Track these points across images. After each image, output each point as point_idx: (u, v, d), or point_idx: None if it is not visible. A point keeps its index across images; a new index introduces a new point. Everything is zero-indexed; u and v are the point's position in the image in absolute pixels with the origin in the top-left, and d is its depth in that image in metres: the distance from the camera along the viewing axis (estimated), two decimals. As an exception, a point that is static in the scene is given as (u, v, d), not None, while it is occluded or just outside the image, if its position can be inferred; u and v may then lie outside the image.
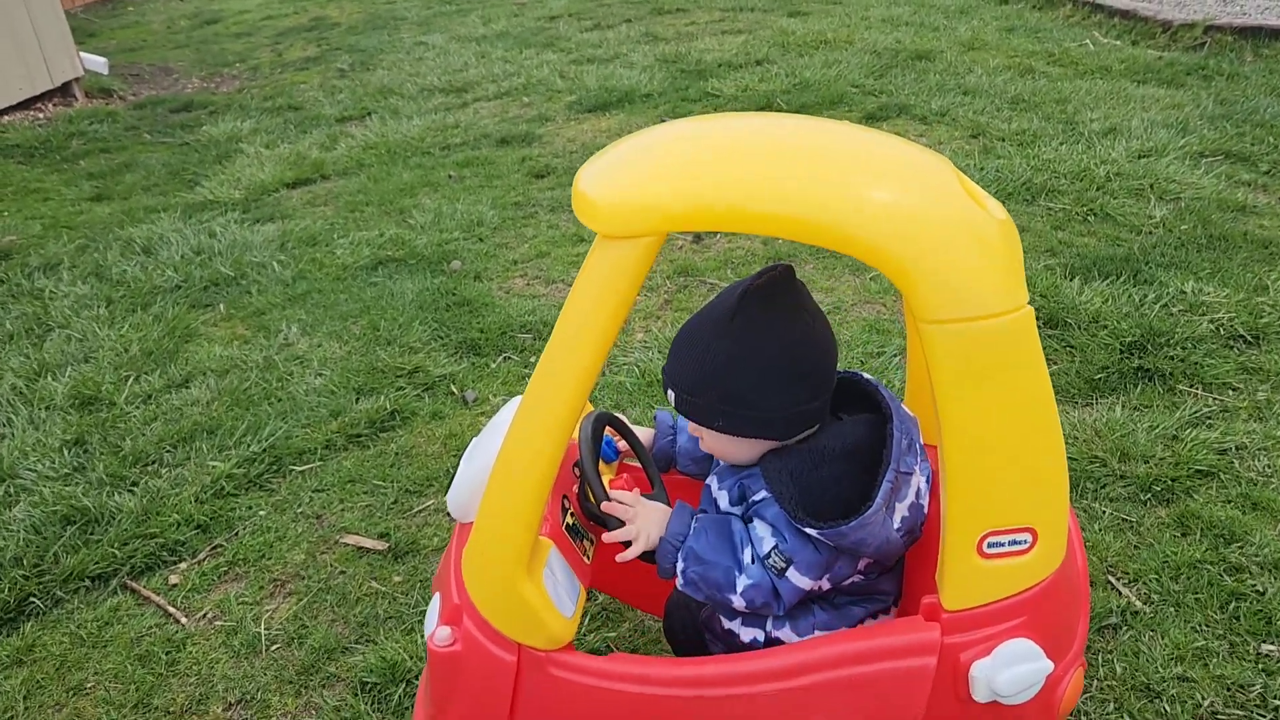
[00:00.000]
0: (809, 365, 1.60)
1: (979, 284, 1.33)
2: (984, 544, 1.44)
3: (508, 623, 1.56)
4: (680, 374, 1.63)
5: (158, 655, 2.45)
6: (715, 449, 1.71)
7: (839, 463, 1.60)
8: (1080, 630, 1.61)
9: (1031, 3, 8.21)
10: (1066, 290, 3.73)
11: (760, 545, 1.61)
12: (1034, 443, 1.40)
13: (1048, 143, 5.18)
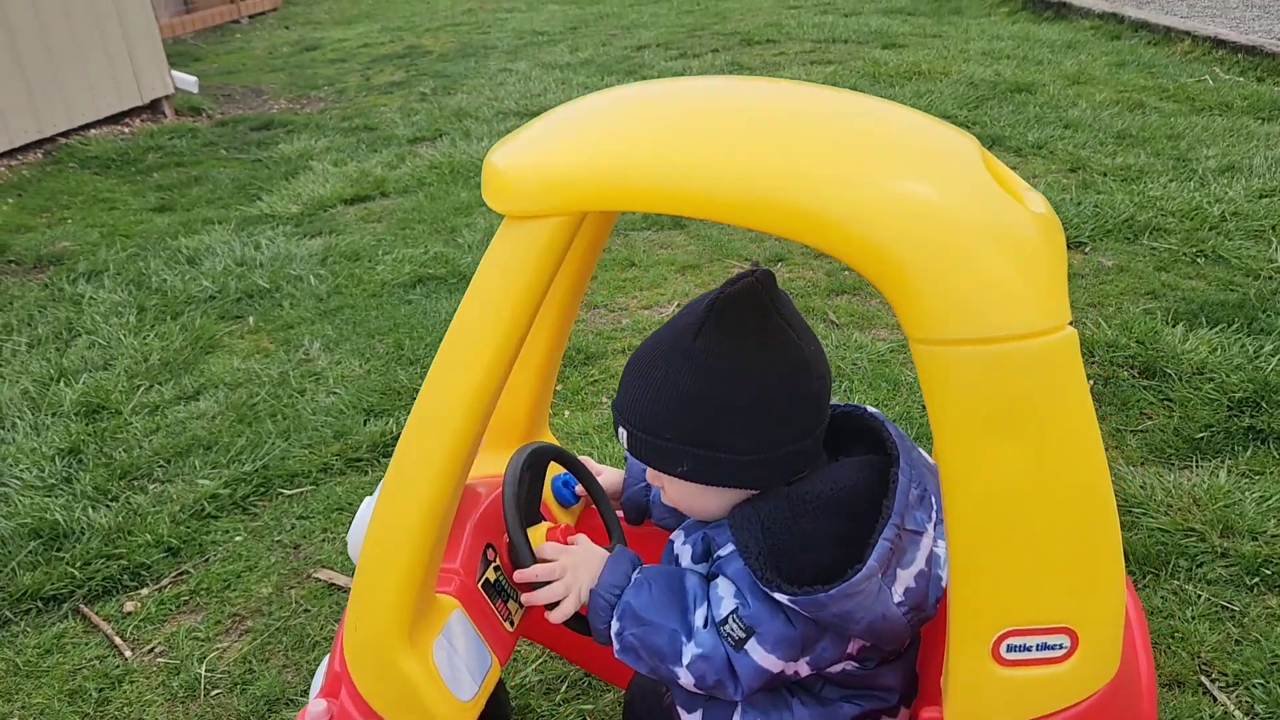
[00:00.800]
0: (793, 396, 1.26)
1: (1004, 294, 0.97)
2: (1001, 647, 1.07)
3: (385, 703, 1.24)
4: (632, 408, 1.30)
5: (89, 693, 2.20)
6: (679, 501, 1.37)
7: (825, 514, 1.24)
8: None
9: (1146, 39, 7.68)
10: (1168, 337, 3.28)
11: (718, 607, 1.27)
12: (1074, 513, 1.02)
13: (1155, 179, 4.70)
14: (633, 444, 1.31)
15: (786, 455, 1.27)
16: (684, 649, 1.26)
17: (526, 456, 1.42)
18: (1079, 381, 1.00)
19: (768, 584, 1.21)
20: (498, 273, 1.08)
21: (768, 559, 1.22)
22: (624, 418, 1.32)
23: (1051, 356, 0.98)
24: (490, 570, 1.39)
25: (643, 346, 1.34)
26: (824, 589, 1.17)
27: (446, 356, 1.12)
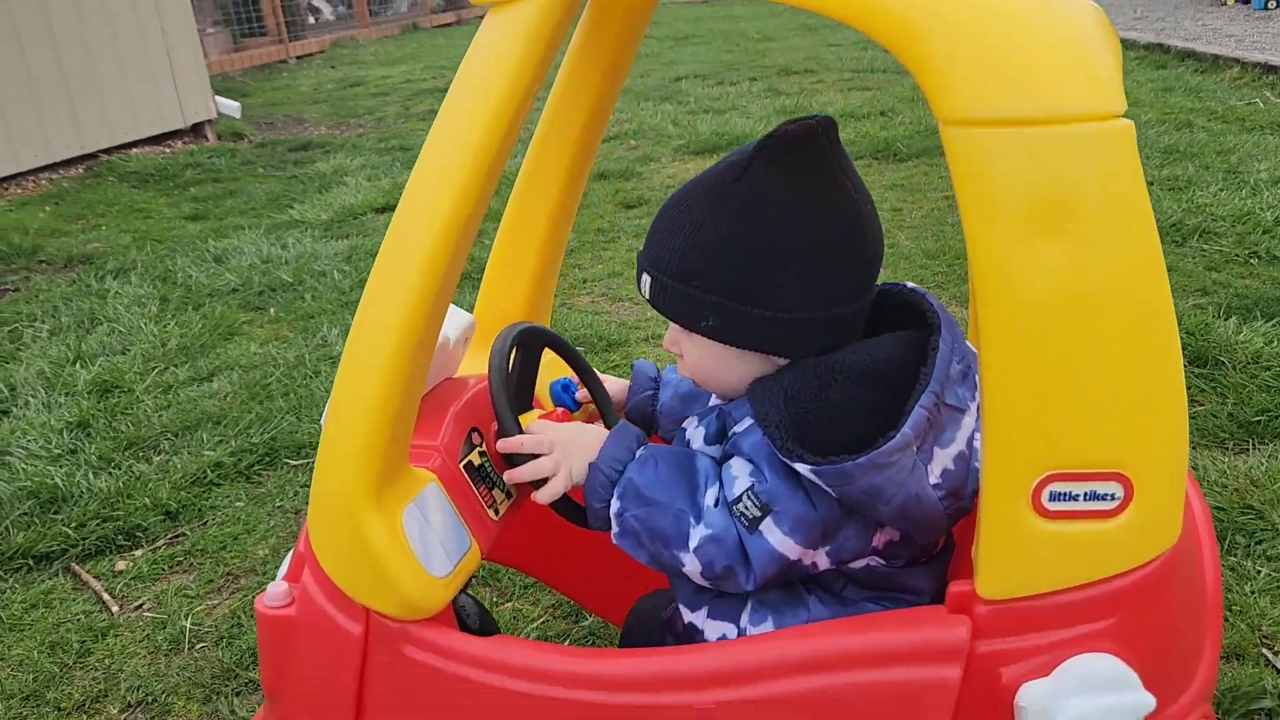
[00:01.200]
0: (845, 251, 1.12)
1: (1049, 68, 0.85)
2: (1043, 495, 0.92)
3: (350, 578, 1.11)
4: (658, 250, 1.17)
5: (71, 645, 2.09)
6: (697, 369, 1.22)
7: (857, 384, 1.09)
8: (1205, 663, 1.05)
9: (1193, 67, 7.56)
10: (1220, 329, 3.11)
11: (731, 486, 1.13)
12: (1129, 332, 0.88)
13: (1204, 188, 4.55)
14: (655, 292, 1.17)
15: (826, 320, 1.13)
16: (691, 531, 1.11)
17: (519, 332, 1.30)
18: (1136, 181, 0.86)
19: (788, 454, 1.07)
20: (479, 67, 0.97)
21: (789, 428, 1.08)
22: (648, 261, 1.18)
23: (1103, 145, 0.85)
24: (475, 454, 1.27)
25: (680, 189, 1.20)
26: (851, 458, 1.03)
27: (422, 170, 1.02)
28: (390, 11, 17.80)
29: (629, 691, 1.04)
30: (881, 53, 9.33)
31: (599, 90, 1.36)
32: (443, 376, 1.36)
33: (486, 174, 0.99)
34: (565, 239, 1.51)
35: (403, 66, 12.45)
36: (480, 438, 1.29)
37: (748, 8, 16.52)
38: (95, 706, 1.92)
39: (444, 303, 1.05)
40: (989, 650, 0.95)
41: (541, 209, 1.43)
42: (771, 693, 0.99)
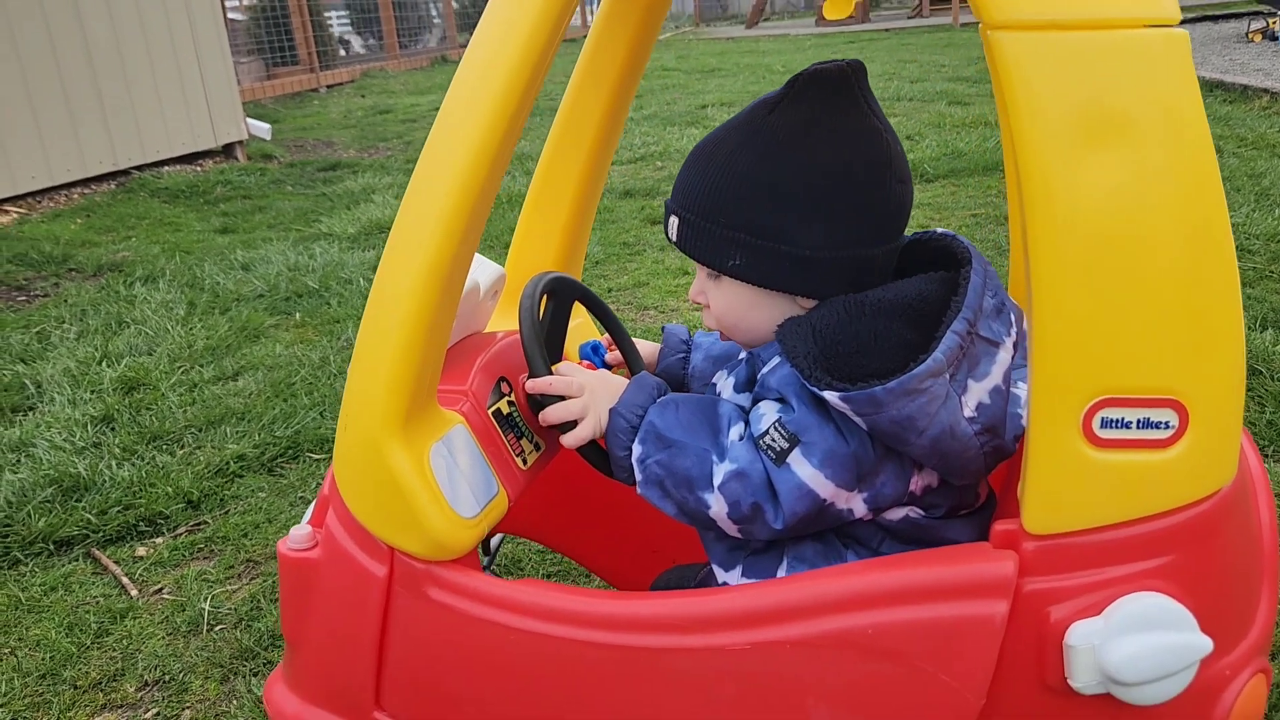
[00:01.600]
0: (875, 190, 1.11)
1: (1097, -30, 0.82)
2: (1094, 421, 0.89)
3: (376, 515, 1.08)
4: (687, 190, 1.16)
5: (89, 625, 2.06)
6: (725, 314, 1.20)
7: (886, 316, 1.07)
8: (1263, 613, 1.00)
9: (1221, 97, 7.53)
10: (1256, 340, 3.06)
11: (758, 423, 1.10)
12: (1183, 250, 0.85)
13: (1236, 210, 4.50)
14: (682, 233, 1.16)
15: (854, 260, 1.11)
16: (715, 469, 1.08)
17: (551, 279, 1.28)
18: (1192, 91, 0.84)
19: (816, 383, 1.04)
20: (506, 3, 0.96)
21: (818, 359, 1.06)
22: (676, 202, 1.17)
23: (1159, 52, 0.83)
24: (503, 402, 1.25)
25: (713, 131, 1.18)
26: (881, 383, 1.00)
27: (451, 102, 1.00)
28: (419, 44, 18.06)
29: (662, 633, 1.00)
30: (909, 83, 9.36)
31: (634, 39, 1.34)
32: (472, 329, 1.34)
33: (518, 100, 0.97)
34: (598, 194, 1.49)
35: (431, 96, 12.58)
36: (509, 387, 1.27)
37: (773, 44, 16.65)
38: (112, 685, 1.89)
39: (475, 231, 1.03)
40: (1037, 588, 0.92)
41: (575, 161, 1.42)
42: (811, 632, 0.95)
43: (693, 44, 18.40)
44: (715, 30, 24.35)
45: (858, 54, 13.43)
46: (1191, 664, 0.89)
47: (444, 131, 1.01)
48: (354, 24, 18.20)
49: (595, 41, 1.36)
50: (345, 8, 18.14)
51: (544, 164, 1.44)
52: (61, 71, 6.48)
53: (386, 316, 1.03)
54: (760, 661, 0.97)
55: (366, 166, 7.56)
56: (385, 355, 1.03)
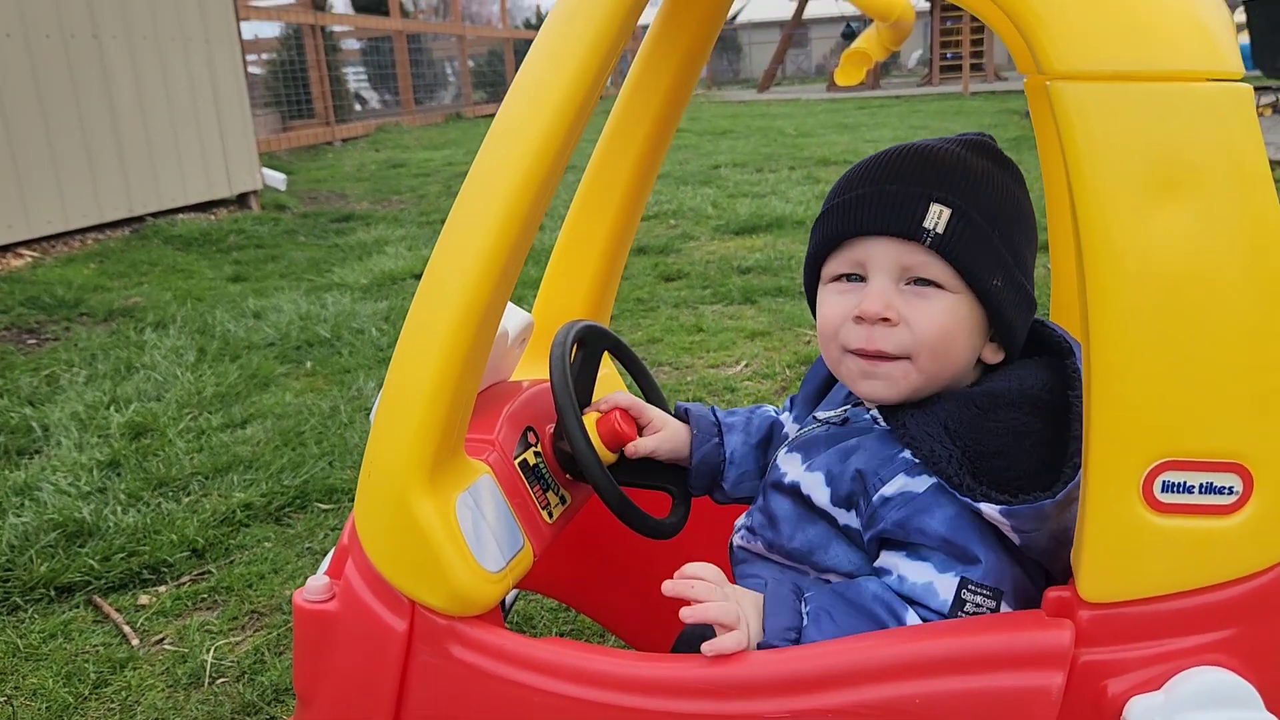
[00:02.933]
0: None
1: (1166, 20, 0.81)
2: (1155, 485, 0.85)
3: (397, 566, 1.04)
4: (972, 183, 1.03)
5: (88, 675, 2.01)
6: (934, 337, 1.03)
7: (1019, 409, 1.01)
8: (1327, 690, 0.95)
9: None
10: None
11: (931, 593, 0.97)
12: (1250, 307, 0.82)
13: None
14: (954, 227, 1.01)
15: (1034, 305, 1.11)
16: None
17: (582, 328, 1.25)
18: (1257, 144, 0.82)
19: (969, 493, 0.96)
20: (556, 33, 0.94)
21: (962, 463, 0.98)
22: (950, 194, 1.02)
23: (1225, 105, 0.81)
24: (530, 453, 1.21)
25: (897, 144, 1.10)
26: (1047, 494, 0.94)
27: (492, 142, 0.98)
28: (435, 101, 18.31)
29: (696, 699, 0.96)
30: (919, 148, 9.44)
31: (669, 91, 1.33)
32: (499, 377, 1.31)
33: (557, 151, 0.95)
34: (629, 242, 1.47)
35: (445, 151, 12.72)
36: (536, 437, 1.23)
37: (784, 108, 16.85)
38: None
39: (510, 276, 1.00)
40: (1094, 659, 0.87)
41: (607, 209, 1.40)
42: (855, 700, 0.90)
43: (705, 106, 18.63)
44: (727, 93, 24.69)
45: (869, 120, 13.57)
46: (1258, 745, 0.85)
47: (481, 178, 0.99)
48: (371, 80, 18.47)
49: (631, 91, 1.34)
50: (363, 64, 18.43)
51: (574, 212, 1.43)
52: (83, 118, 6.55)
53: (417, 361, 1.00)
54: (799, 731, 0.92)
55: (379, 219, 7.60)
56: (414, 403, 1.00)
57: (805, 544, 1.12)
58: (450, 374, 0.99)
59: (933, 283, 1.03)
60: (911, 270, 1.04)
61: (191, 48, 7.62)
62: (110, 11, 6.80)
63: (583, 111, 0.95)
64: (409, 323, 1.03)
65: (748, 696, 0.94)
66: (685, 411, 1.34)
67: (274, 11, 13.00)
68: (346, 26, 16.85)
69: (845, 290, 1.08)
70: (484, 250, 0.97)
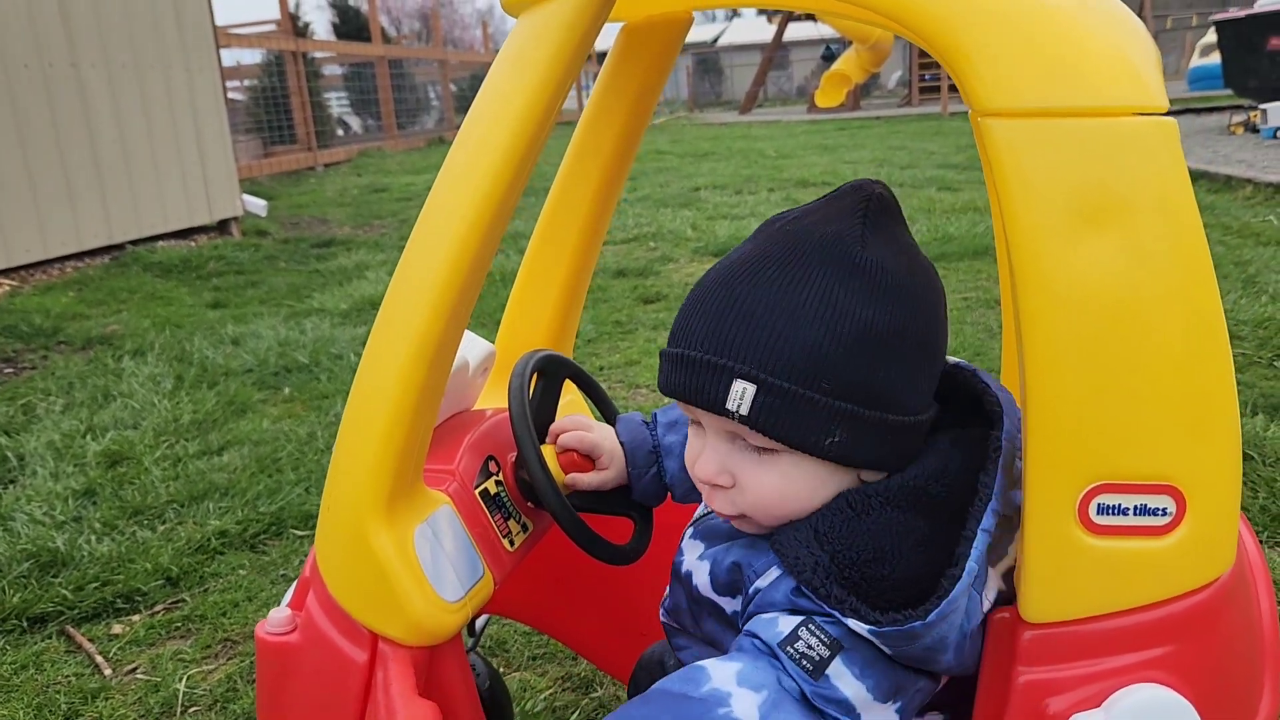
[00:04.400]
0: (943, 336, 0.99)
1: (1091, 58, 0.83)
2: (1091, 508, 0.87)
3: (356, 597, 1.05)
4: (772, 343, 0.90)
5: (59, 706, 2.00)
6: (768, 500, 0.96)
7: (901, 507, 0.93)
8: (1266, 704, 0.97)
9: (1206, 187, 7.67)
10: (1247, 426, 3.06)
11: (772, 628, 0.91)
12: (1177, 335, 0.85)
13: (1225, 296, 4.52)
14: (760, 405, 0.90)
15: (927, 421, 0.97)
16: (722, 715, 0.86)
17: (541, 358, 1.27)
18: (1182, 177, 0.85)
19: (837, 604, 0.88)
20: (508, 70, 0.97)
21: (830, 571, 0.90)
22: (746, 361, 0.90)
23: (1151, 139, 0.83)
24: (491, 482, 1.23)
25: (745, 258, 0.95)
26: (917, 615, 0.87)
27: (446, 176, 1.00)
28: (417, 125, 18.36)
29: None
30: (899, 169, 9.51)
31: (626, 122, 1.36)
32: (461, 406, 1.33)
33: (511, 178, 0.97)
34: (590, 272, 1.49)
35: (427, 175, 12.73)
36: (497, 466, 1.25)
37: (765, 129, 16.98)
38: (79, 769, 1.83)
39: (465, 307, 1.02)
40: (1034, 678, 0.89)
41: (567, 240, 1.42)
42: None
43: (686, 128, 18.75)
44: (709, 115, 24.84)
45: (848, 141, 13.70)
46: (1194, 760, 0.87)
47: (435, 209, 1.01)
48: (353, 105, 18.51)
49: (589, 121, 1.37)
50: (345, 89, 18.48)
51: (536, 241, 1.45)
52: (62, 147, 6.56)
53: (372, 396, 1.02)
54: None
55: (360, 243, 7.61)
56: (370, 436, 1.02)
57: (710, 633, 1.08)
58: (406, 407, 1.01)
59: (761, 447, 0.94)
60: (739, 435, 0.94)
61: (171, 75, 7.63)
62: (89, 40, 6.81)
63: (530, 150, 0.97)
64: (365, 356, 1.04)
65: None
66: (623, 437, 1.29)
67: (255, 38, 13.04)
68: (328, 52, 16.90)
69: (695, 431, 1.01)
70: (437, 284, 0.99)
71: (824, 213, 0.95)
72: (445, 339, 1.01)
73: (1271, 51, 11.36)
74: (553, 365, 1.30)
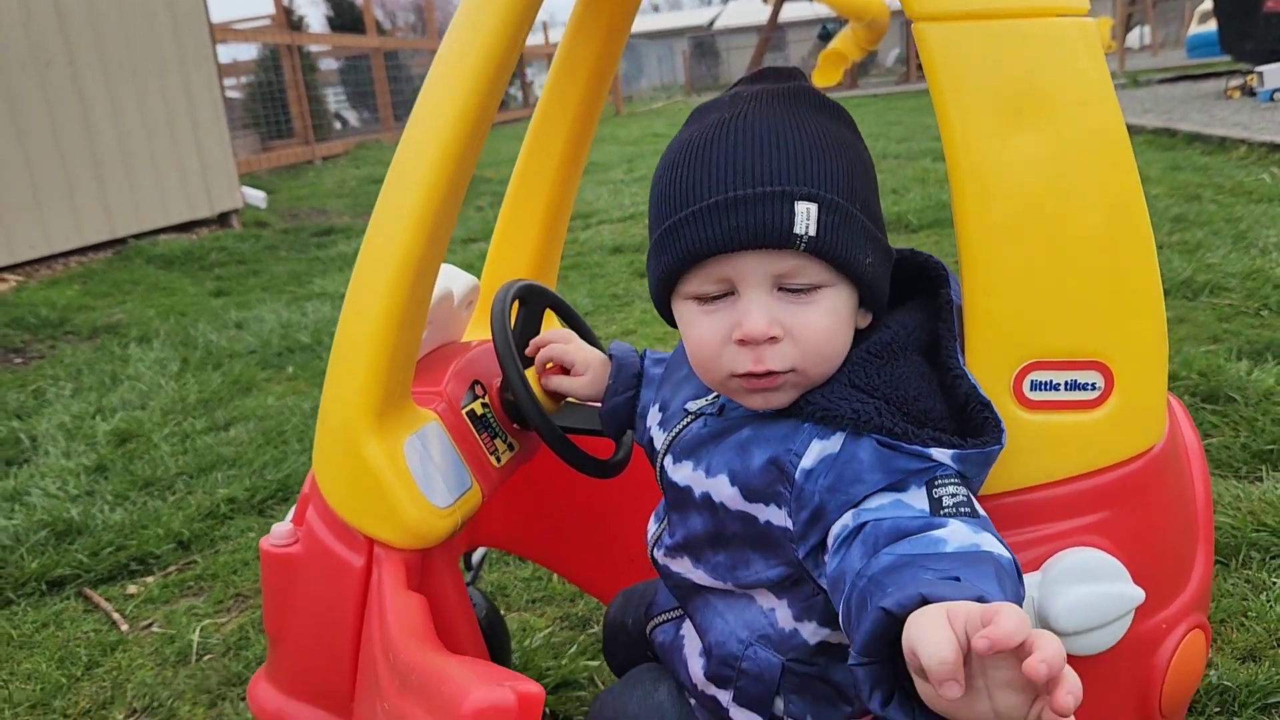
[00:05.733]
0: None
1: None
2: (1024, 384, 0.94)
3: (352, 504, 1.13)
4: (819, 169, 0.92)
5: (79, 658, 2.09)
6: (821, 343, 0.95)
7: (909, 352, 0.98)
8: (1198, 573, 1.04)
9: (1200, 149, 7.70)
10: (1232, 370, 3.12)
11: (906, 509, 0.88)
12: (1101, 220, 0.91)
13: (1214, 251, 4.60)
14: (825, 224, 0.91)
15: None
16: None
17: (520, 287, 1.34)
18: (1102, 73, 0.91)
19: (916, 439, 0.90)
20: (470, 10, 1.03)
21: (893, 414, 0.93)
22: (812, 185, 0.91)
23: (1069, 38, 0.90)
24: (477, 404, 1.30)
25: (732, 116, 0.95)
26: (994, 440, 0.91)
27: (421, 106, 1.07)
28: (415, 116, 18.39)
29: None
30: (895, 142, 9.55)
31: (598, 56, 1.41)
32: (448, 338, 1.40)
33: (481, 103, 1.04)
34: (568, 209, 1.55)
35: (425, 164, 12.75)
36: (483, 390, 1.32)
37: (762, 109, 16.97)
38: (101, 713, 1.91)
39: (442, 233, 1.09)
40: (979, 547, 0.96)
41: (544, 177, 1.48)
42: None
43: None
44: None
45: (844, 117, 13.73)
46: (1125, 613, 0.93)
47: (411, 140, 1.08)
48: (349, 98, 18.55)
49: (561, 61, 1.43)
50: (341, 83, 18.51)
51: (515, 180, 1.51)
52: (61, 144, 6.63)
53: (361, 315, 1.09)
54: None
55: (359, 230, 7.67)
56: (359, 353, 1.09)
57: (726, 561, 1.07)
58: (391, 324, 1.08)
59: (808, 285, 0.95)
60: (785, 277, 0.94)
61: (167, 72, 7.69)
62: (85, 39, 6.88)
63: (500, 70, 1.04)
64: (353, 282, 1.11)
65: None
66: (613, 351, 1.34)
67: (250, 33, 13.08)
68: (324, 46, 16.93)
69: (713, 310, 0.97)
70: (414, 211, 1.06)
71: (759, 88, 0.99)
72: (425, 261, 1.08)
73: (1267, 14, 11.34)
74: (533, 294, 1.36)
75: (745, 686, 1.07)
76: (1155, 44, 24.57)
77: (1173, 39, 25.82)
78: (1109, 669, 0.97)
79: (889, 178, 7.41)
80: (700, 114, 1.02)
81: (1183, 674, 1.00)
